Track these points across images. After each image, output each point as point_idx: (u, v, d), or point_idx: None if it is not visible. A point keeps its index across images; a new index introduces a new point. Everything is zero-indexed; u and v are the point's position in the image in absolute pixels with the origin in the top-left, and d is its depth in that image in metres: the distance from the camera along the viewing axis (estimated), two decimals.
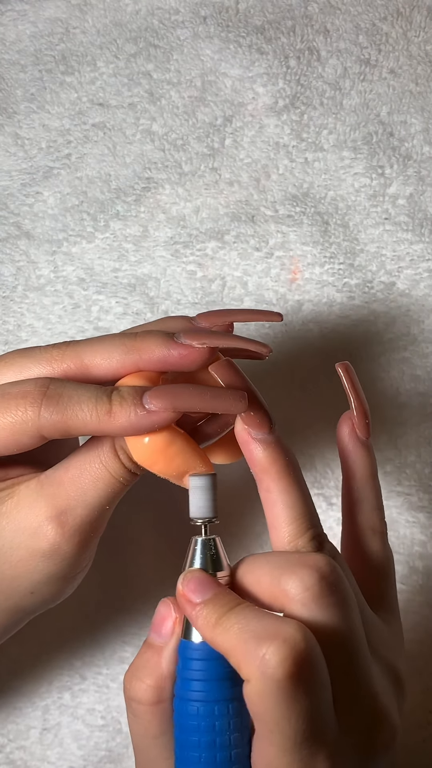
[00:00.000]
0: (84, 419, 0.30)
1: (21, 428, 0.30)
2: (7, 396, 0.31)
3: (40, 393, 0.30)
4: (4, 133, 0.51)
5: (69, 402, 0.30)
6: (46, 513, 0.32)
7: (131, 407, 0.30)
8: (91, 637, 0.45)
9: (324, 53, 0.52)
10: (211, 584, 0.30)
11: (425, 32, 0.52)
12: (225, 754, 0.28)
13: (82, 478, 0.32)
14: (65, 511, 0.32)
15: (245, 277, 0.49)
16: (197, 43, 0.52)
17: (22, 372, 0.32)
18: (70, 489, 0.32)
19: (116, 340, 0.32)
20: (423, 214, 0.49)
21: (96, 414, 0.30)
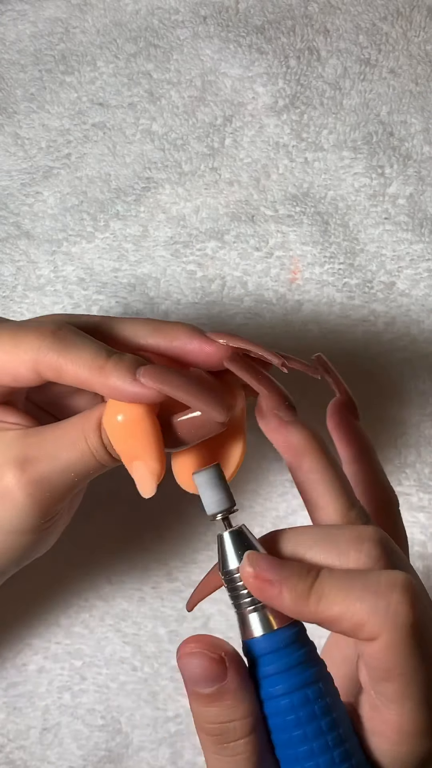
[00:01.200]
0: (77, 367, 0.31)
1: (21, 358, 0.31)
2: (23, 327, 0.32)
3: (51, 331, 0.31)
4: (4, 133, 0.51)
5: (71, 346, 0.31)
6: (14, 456, 0.32)
7: (124, 372, 0.31)
8: (91, 637, 0.45)
9: (324, 53, 0.52)
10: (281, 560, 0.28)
11: (425, 32, 0.52)
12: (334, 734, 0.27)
13: (61, 440, 0.33)
14: (31, 460, 0.32)
15: (245, 277, 0.49)
16: (197, 42, 0.52)
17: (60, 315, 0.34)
18: (46, 443, 0.33)
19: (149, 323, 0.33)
20: (423, 214, 0.49)
21: (89, 366, 0.31)
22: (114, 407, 0.32)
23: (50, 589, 0.45)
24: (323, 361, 0.35)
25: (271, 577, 0.27)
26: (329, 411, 0.35)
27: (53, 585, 0.46)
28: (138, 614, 0.45)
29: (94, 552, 0.46)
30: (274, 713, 0.28)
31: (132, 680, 0.45)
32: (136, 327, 0.33)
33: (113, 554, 0.46)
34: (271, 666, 0.28)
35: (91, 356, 0.31)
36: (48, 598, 0.45)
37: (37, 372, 0.32)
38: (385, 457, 0.47)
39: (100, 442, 0.33)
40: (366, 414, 0.47)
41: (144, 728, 0.44)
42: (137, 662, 0.45)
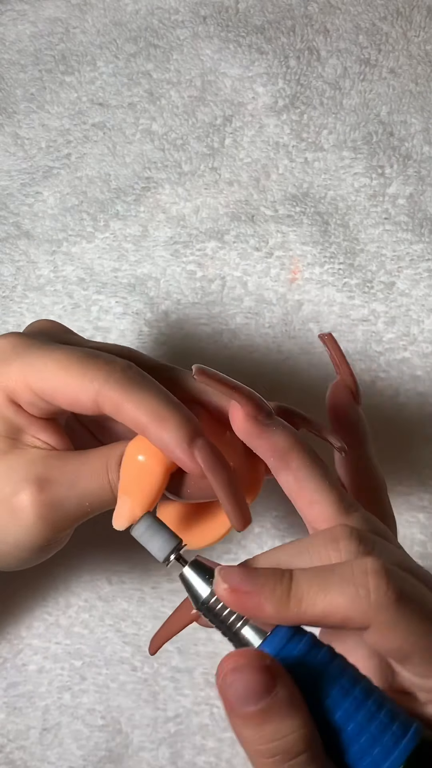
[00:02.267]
0: (138, 410, 0.31)
1: (86, 386, 0.31)
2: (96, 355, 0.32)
3: (122, 368, 0.31)
4: (4, 133, 0.51)
5: (138, 387, 0.31)
6: (34, 474, 0.32)
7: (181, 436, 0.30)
8: (91, 637, 0.45)
9: (324, 53, 0.52)
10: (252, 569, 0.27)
11: (425, 32, 0.52)
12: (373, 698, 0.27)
13: (83, 467, 0.33)
14: (51, 481, 0.32)
15: (245, 277, 0.49)
16: (197, 42, 0.52)
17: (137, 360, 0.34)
18: (68, 468, 0.33)
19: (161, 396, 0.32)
20: (423, 214, 0.49)
21: (150, 413, 0.31)
22: (142, 443, 0.32)
23: (50, 589, 0.45)
24: (331, 339, 0.35)
25: (247, 588, 0.27)
26: (329, 392, 0.36)
27: (53, 585, 0.46)
28: (138, 614, 0.45)
29: (94, 552, 0.46)
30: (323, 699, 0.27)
31: (132, 680, 0.45)
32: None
33: (113, 554, 0.46)
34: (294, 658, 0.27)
35: (155, 405, 0.31)
36: (48, 598, 0.45)
37: (97, 404, 0.31)
38: (386, 457, 0.47)
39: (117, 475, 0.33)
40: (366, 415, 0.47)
41: (144, 728, 0.44)
42: (137, 662, 0.45)
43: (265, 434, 0.31)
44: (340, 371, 0.36)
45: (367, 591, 0.26)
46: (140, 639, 0.45)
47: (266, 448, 0.31)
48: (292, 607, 0.26)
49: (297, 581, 0.27)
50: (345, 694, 0.26)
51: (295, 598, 0.26)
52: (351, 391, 0.35)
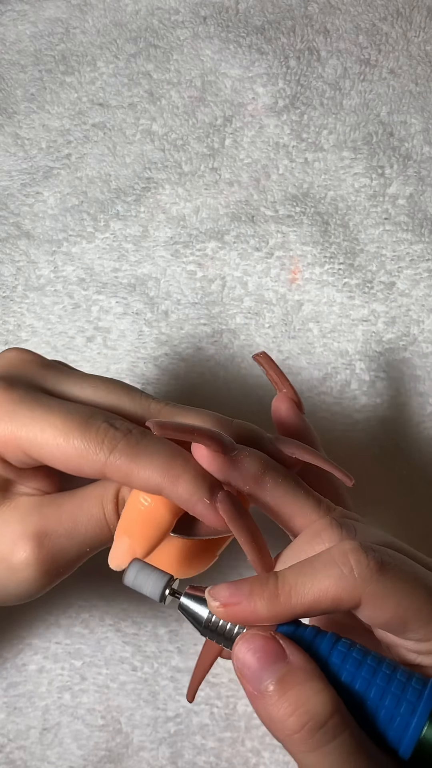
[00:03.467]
0: (150, 474, 0.30)
1: (90, 458, 0.30)
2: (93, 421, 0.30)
3: (123, 433, 0.30)
4: (4, 133, 0.51)
5: (143, 452, 0.30)
6: (31, 529, 0.32)
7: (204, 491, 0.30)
8: (91, 637, 0.45)
9: (324, 53, 0.52)
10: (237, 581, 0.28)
11: (425, 32, 0.52)
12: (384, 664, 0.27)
13: (79, 511, 0.32)
14: (49, 534, 0.32)
15: (245, 277, 0.49)
16: (197, 43, 0.52)
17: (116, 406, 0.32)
18: (64, 515, 0.32)
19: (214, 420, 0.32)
20: (423, 214, 0.49)
21: (164, 474, 0.30)
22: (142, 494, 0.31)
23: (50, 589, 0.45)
24: (265, 358, 0.36)
25: (238, 599, 0.27)
26: (274, 405, 0.36)
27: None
28: (138, 614, 0.45)
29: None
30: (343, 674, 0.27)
31: (132, 680, 0.45)
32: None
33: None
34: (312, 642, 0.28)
35: (166, 462, 0.30)
36: (48, 598, 0.45)
37: (103, 474, 0.30)
38: (386, 457, 0.47)
39: (115, 513, 0.32)
40: (366, 415, 0.47)
41: (144, 728, 0.44)
42: (137, 662, 0.45)
43: (235, 465, 0.30)
44: (279, 387, 0.36)
45: (350, 568, 0.26)
46: (140, 639, 0.45)
47: (239, 477, 0.31)
48: (284, 602, 0.27)
49: (283, 577, 0.27)
50: (359, 664, 0.27)
51: (284, 594, 0.27)
52: (294, 402, 0.36)
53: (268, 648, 0.27)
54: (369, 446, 0.47)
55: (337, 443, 0.47)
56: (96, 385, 0.32)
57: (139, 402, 0.32)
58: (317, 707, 0.26)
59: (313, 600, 0.27)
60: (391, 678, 0.27)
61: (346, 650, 0.27)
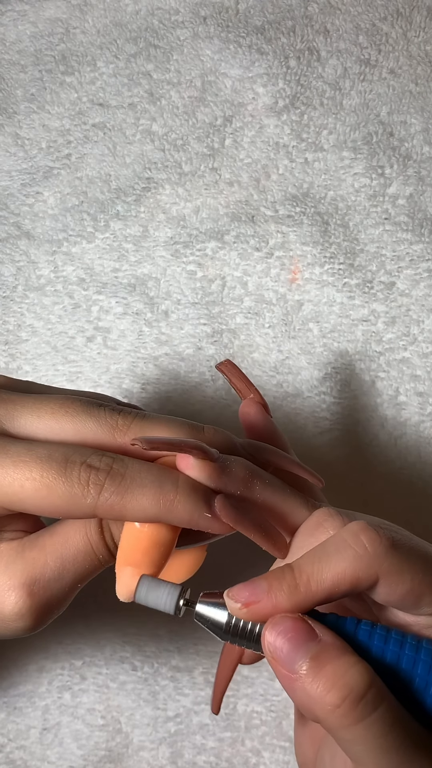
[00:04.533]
0: (143, 504, 0.29)
1: (77, 502, 0.29)
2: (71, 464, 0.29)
3: (105, 471, 0.29)
4: (4, 133, 0.52)
5: (131, 484, 0.29)
6: (19, 579, 0.30)
7: (200, 504, 0.29)
8: (91, 637, 0.45)
9: (324, 53, 0.52)
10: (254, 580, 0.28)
11: (425, 32, 0.52)
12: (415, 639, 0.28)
13: (64, 547, 0.31)
14: (38, 581, 0.31)
15: (245, 277, 0.49)
16: (197, 43, 0.52)
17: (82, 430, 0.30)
18: (50, 556, 0.31)
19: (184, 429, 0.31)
20: (423, 214, 0.49)
21: (158, 502, 0.29)
22: None
23: None
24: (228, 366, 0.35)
25: (258, 597, 0.27)
26: (241, 410, 0.35)
27: None
28: (138, 614, 0.45)
29: None
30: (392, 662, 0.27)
31: (132, 680, 0.45)
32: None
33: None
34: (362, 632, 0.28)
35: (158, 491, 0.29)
36: None
37: (94, 515, 0.29)
38: (386, 458, 0.47)
39: (103, 543, 0.31)
40: (366, 415, 0.47)
41: (144, 728, 0.44)
42: (137, 662, 0.45)
43: (224, 471, 0.30)
44: (244, 395, 0.35)
45: (363, 547, 0.27)
46: (140, 639, 0.45)
47: (229, 482, 0.30)
48: (304, 590, 0.27)
49: (299, 567, 0.27)
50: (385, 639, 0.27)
51: (303, 583, 0.27)
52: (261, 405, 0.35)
53: (297, 628, 0.27)
54: (369, 446, 0.47)
55: (337, 443, 0.47)
56: (54, 410, 0.31)
57: (105, 421, 0.31)
58: (355, 679, 0.25)
59: (333, 584, 0.27)
60: (419, 648, 0.27)
61: (370, 628, 0.28)
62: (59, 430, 0.30)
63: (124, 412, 0.31)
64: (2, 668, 0.45)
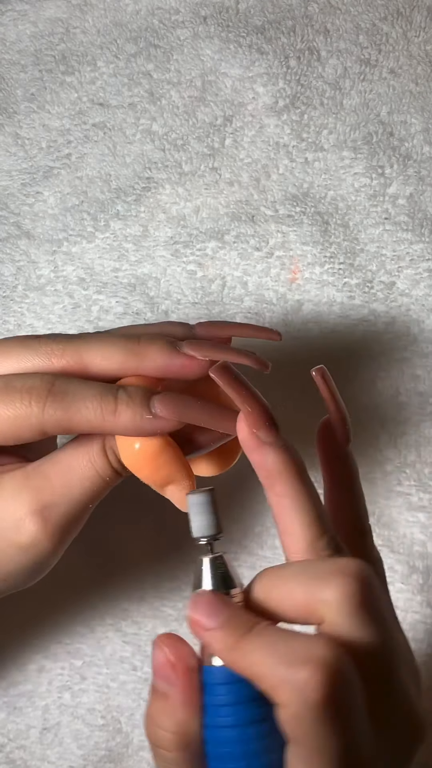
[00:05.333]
0: (88, 417, 0.30)
1: (24, 422, 0.30)
2: (11, 389, 0.31)
3: (46, 389, 0.30)
4: (4, 133, 0.52)
5: (74, 399, 0.30)
6: (29, 506, 0.31)
7: (138, 408, 0.30)
8: (91, 637, 0.45)
9: (324, 53, 0.52)
10: (223, 605, 0.28)
11: (425, 32, 0.52)
12: None
13: (69, 474, 0.32)
14: (48, 506, 0.31)
15: (245, 277, 0.49)
16: (197, 43, 0.52)
17: (20, 362, 0.32)
18: (56, 484, 0.32)
19: (119, 343, 0.32)
20: (423, 214, 0.49)
21: (100, 412, 0.30)
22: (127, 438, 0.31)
23: (50, 588, 0.45)
24: (323, 376, 0.34)
25: (205, 624, 0.28)
26: (317, 431, 0.34)
27: (53, 584, 0.46)
28: (138, 614, 0.45)
29: (94, 551, 0.46)
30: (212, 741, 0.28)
31: (132, 680, 0.45)
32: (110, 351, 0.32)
33: (114, 553, 0.46)
34: (219, 697, 0.28)
35: (98, 402, 0.30)
36: (48, 597, 0.45)
37: (44, 432, 0.30)
38: (385, 457, 0.47)
39: (108, 464, 0.32)
40: (366, 414, 0.47)
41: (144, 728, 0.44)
42: (137, 662, 0.45)
43: (258, 451, 0.30)
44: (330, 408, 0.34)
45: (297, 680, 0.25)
46: (140, 639, 0.45)
47: (257, 464, 0.30)
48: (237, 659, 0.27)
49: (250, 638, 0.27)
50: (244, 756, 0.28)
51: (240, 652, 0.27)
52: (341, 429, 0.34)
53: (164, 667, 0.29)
54: (369, 447, 0.47)
55: None
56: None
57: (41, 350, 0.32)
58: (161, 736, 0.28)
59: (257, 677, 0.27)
60: None
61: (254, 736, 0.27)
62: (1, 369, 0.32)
63: (59, 337, 0.32)
64: (2, 668, 0.45)
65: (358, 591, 0.27)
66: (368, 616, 0.27)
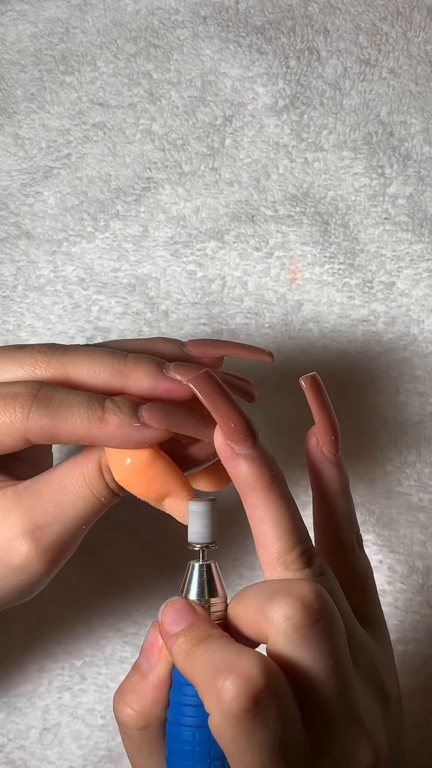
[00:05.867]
0: (74, 424, 0.30)
1: (7, 429, 0.30)
2: None
3: (31, 395, 0.30)
4: (4, 133, 0.51)
5: (60, 406, 0.30)
6: (21, 527, 0.31)
7: (125, 417, 0.30)
8: (91, 637, 0.45)
9: (324, 53, 0.52)
10: (189, 613, 0.29)
11: (425, 32, 0.52)
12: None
13: (62, 494, 0.31)
14: (41, 526, 0.31)
15: (245, 277, 0.49)
16: (197, 43, 0.52)
17: (3, 373, 0.31)
18: (48, 503, 0.31)
19: (105, 359, 0.32)
20: (423, 214, 0.49)
21: (87, 420, 0.29)
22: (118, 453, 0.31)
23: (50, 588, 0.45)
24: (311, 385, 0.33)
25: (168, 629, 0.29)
26: (306, 440, 0.34)
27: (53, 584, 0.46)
28: (138, 614, 0.45)
29: (94, 551, 0.46)
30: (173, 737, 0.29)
31: None
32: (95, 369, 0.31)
33: (113, 553, 0.46)
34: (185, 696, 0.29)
35: (85, 409, 0.30)
36: (47, 597, 0.45)
37: (27, 440, 0.30)
38: (385, 457, 0.47)
39: (103, 484, 0.31)
40: (366, 414, 0.48)
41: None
42: None
43: (232, 462, 0.30)
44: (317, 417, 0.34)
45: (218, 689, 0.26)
46: (140, 639, 0.45)
47: (231, 474, 0.30)
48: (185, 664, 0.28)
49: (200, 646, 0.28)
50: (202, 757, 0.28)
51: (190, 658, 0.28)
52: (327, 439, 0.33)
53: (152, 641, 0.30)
54: (369, 447, 0.47)
55: None
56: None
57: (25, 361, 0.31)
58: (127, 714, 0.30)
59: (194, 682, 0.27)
60: None
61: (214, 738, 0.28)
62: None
63: (44, 348, 0.32)
64: (2, 668, 0.45)
65: (298, 614, 0.27)
66: (306, 639, 0.27)
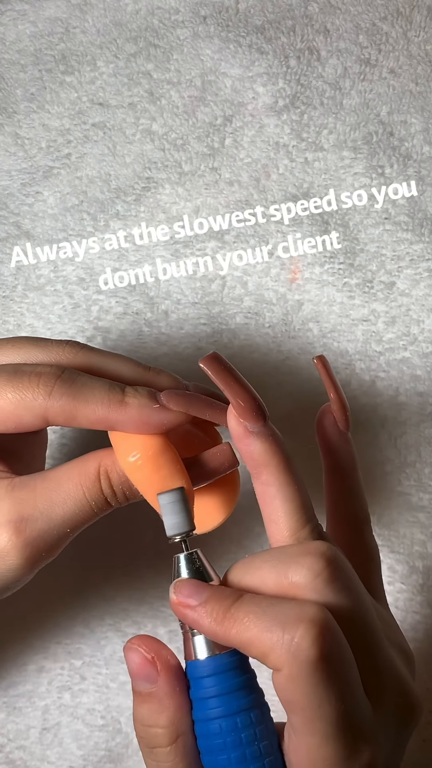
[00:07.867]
0: (94, 406, 0.30)
1: (29, 405, 0.30)
2: (20, 372, 0.30)
3: (55, 375, 0.30)
4: (4, 132, 0.51)
5: (82, 387, 0.30)
6: (7, 516, 0.31)
7: (145, 399, 0.30)
8: (91, 638, 0.45)
9: (324, 53, 0.52)
10: (205, 585, 0.29)
11: (425, 32, 0.52)
12: (258, 764, 0.28)
13: (55, 492, 0.31)
14: (27, 519, 0.31)
15: (245, 276, 0.49)
16: (197, 43, 0.52)
17: (29, 359, 0.32)
18: (39, 499, 0.31)
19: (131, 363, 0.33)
20: (423, 214, 0.49)
21: (108, 402, 0.30)
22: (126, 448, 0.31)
23: (50, 588, 0.45)
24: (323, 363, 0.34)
25: (192, 603, 0.28)
26: (317, 417, 0.35)
27: (53, 584, 0.46)
28: (138, 614, 0.45)
29: (93, 551, 0.46)
30: (202, 735, 0.28)
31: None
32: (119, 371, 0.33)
33: (113, 553, 0.46)
34: (206, 689, 0.28)
35: (106, 392, 0.30)
36: (48, 597, 0.45)
37: (45, 418, 0.30)
38: (385, 457, 0.47)
39: (98, 490, 0.31)
40: (366, 414, 0.47)
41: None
42: None
43: (245, 440, 0.31)
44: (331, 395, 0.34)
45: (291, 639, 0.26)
46: None
47: (244, 453, 0.31)
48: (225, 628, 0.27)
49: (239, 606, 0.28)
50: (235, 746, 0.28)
51: (229, 621, 0.27)
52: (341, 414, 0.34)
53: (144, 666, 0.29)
54: (369, 447, 0.47)
55: None
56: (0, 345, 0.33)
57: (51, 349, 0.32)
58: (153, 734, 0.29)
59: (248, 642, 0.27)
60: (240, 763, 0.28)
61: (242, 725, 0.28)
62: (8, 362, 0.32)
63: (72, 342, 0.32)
64: (2, 668, 0.45)
65: (326, 567, 0.28)
66: (339, 587, 0.27)
